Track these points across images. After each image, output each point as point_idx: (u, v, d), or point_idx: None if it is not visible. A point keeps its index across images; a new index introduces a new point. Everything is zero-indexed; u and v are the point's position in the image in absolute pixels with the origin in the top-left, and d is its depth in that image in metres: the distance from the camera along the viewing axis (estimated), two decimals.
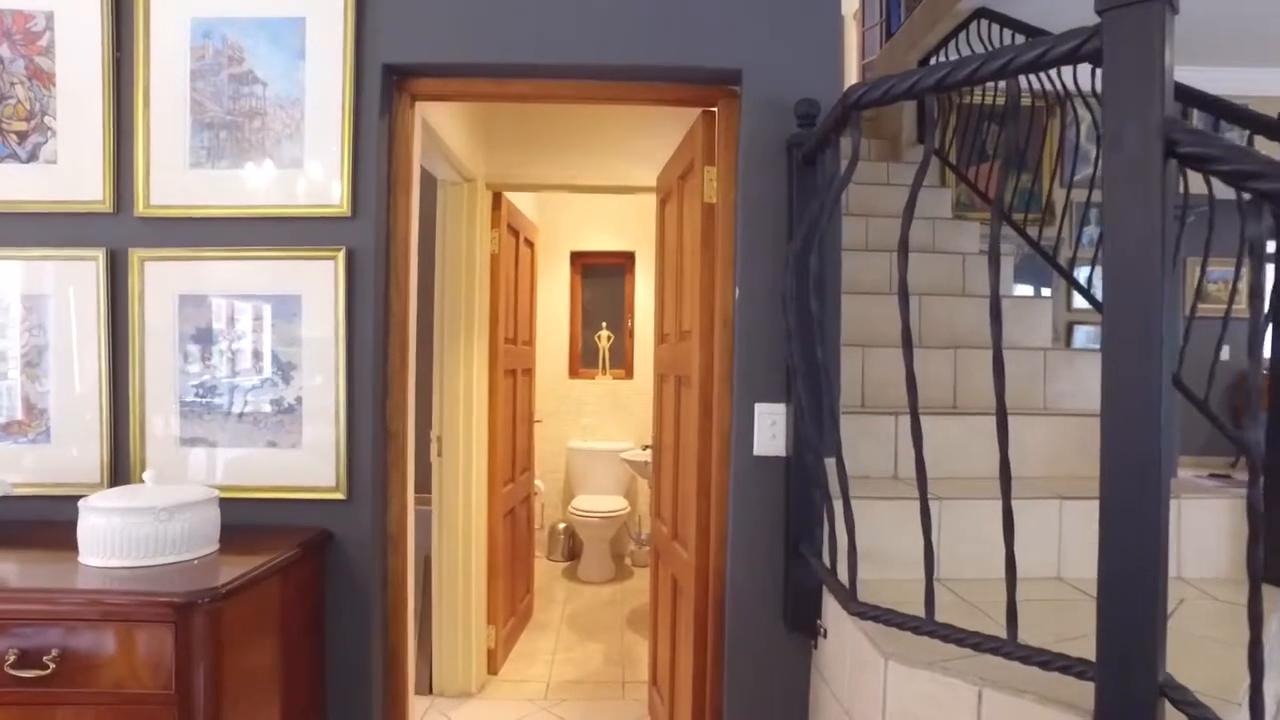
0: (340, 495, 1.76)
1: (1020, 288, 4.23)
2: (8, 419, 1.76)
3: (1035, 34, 2.99)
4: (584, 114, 2.83)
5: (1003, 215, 1.07)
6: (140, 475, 1.75)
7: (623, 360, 5.11)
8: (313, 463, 1.76)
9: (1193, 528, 1.72)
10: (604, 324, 5.09)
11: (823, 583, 1.62)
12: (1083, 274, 2.66)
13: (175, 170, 1.76)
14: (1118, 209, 0.89)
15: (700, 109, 1.98)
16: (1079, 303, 4.25)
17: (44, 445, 1.76)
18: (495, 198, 3.03)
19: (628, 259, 5.08)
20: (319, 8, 1.74)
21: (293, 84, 1.76)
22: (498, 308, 3.02)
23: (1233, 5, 3.35)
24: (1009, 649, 1.09)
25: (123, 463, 1.76)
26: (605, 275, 5.15)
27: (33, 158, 1.75)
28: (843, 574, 1.39)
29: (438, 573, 2.83)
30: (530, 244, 3.63)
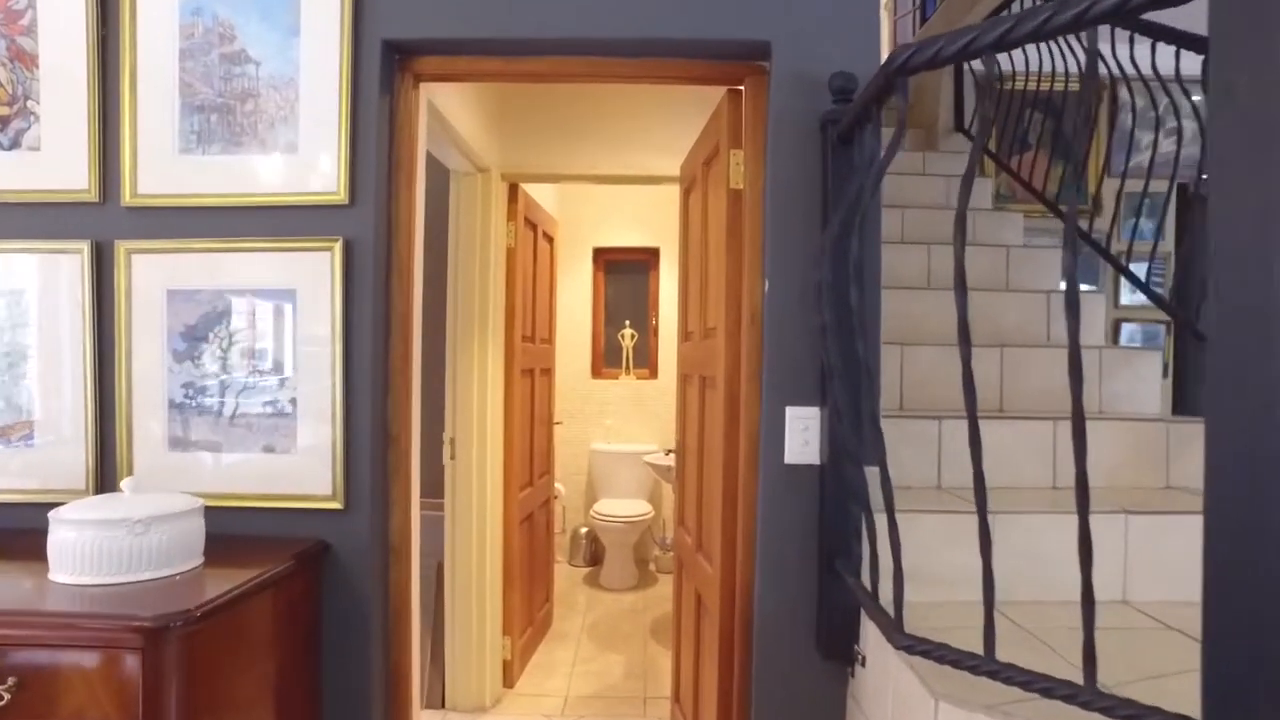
0: (337, 504, 1.64)
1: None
2: None
3: None
4: (603, 100, 2.69)
5: (1076, 245, 0.90)
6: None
7: (647, 360, 4.97)
8: (308, 469, 1.64)
9: None
10: (627, 322, 4.95)
11: (861, 606, 1.46)
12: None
13: (163, 157, 1.65)
14: (1227, 173, 0.73)
15: (725, 88, 1.83)
16: (1125, 298, 4.04)
17: (27, 449, 1.66)
18: (511, 189, 2.90)
19: (651, 255, 4.93)
20: None
21: (287, 63, 1.64)
22: (514, 304, 2.89)
23: None
24: (1087, 698, 0.93)
25: (110, 468, 1.66)
26: (628, 272, 5.01)
27: (15, 144, 1.65)
28: (885, 596, 1.24)
29: (450, 582, 2.71)
30: (549, 238, 3.50)
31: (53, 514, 1.31)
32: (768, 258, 1.65)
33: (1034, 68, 2.99)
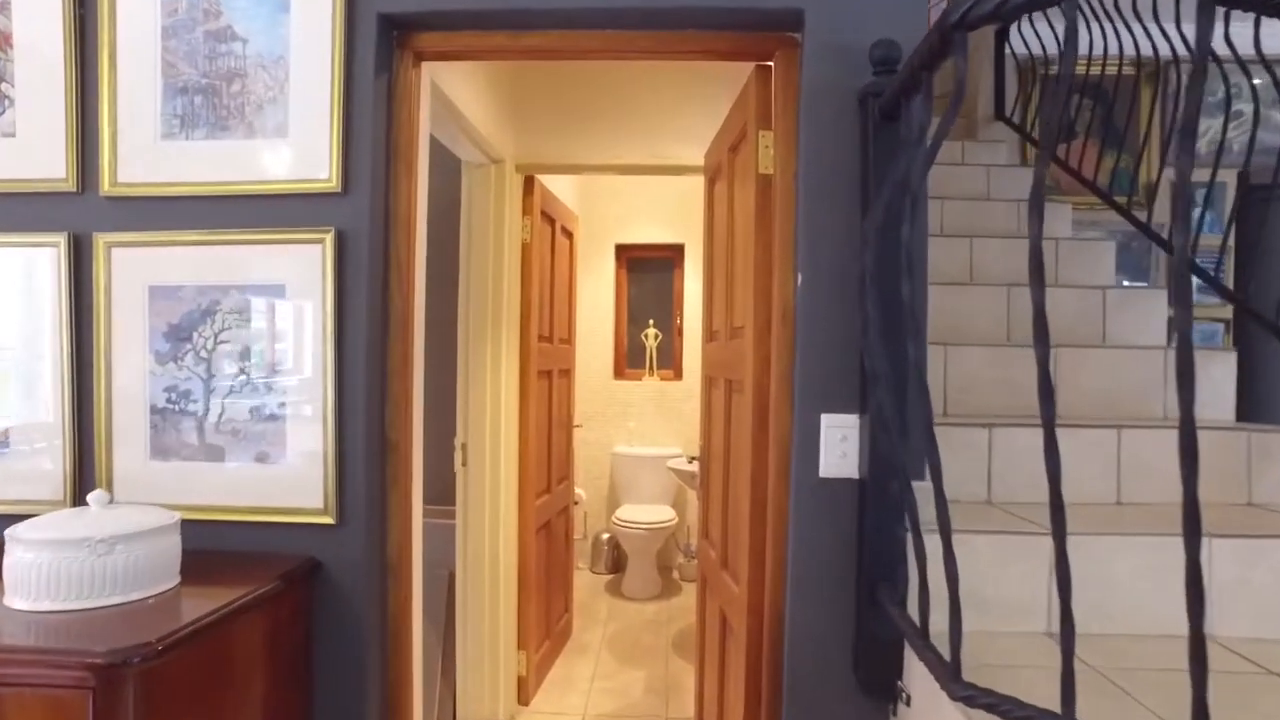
0: (328, 519, 1.50)
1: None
2: None
3: None
4: (622, 86, 2.54)
5: (1190, 298, 0.69)
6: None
7: (671, 360, 4.81)
8: (298, 480, 1.51)
9: None
10: (651, 322, 4.79)
11: (908, 641, 1.29)
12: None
13: (145, 142, 1.53)
14: None
15: (753, 63, 1.67)
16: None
17: (1, 457, 1.55)
18: (527, 182, 2.76)
19: (676, 252, 4.77)
20: None
21: (275, 40, 1.51)
22: (530, 302, 2.75)
23: None
24: None
25: (88, 477, 1.54)
26: (652, 270, 4.86)
27: None
28: (935, 628, 1.07)
29: (462, 594, 2.57)
30: (569, 234, 3.36)
31: (9, 532, 1.19)
32: (800, 249, 1.49)
33: (1082, 51, 2.78)
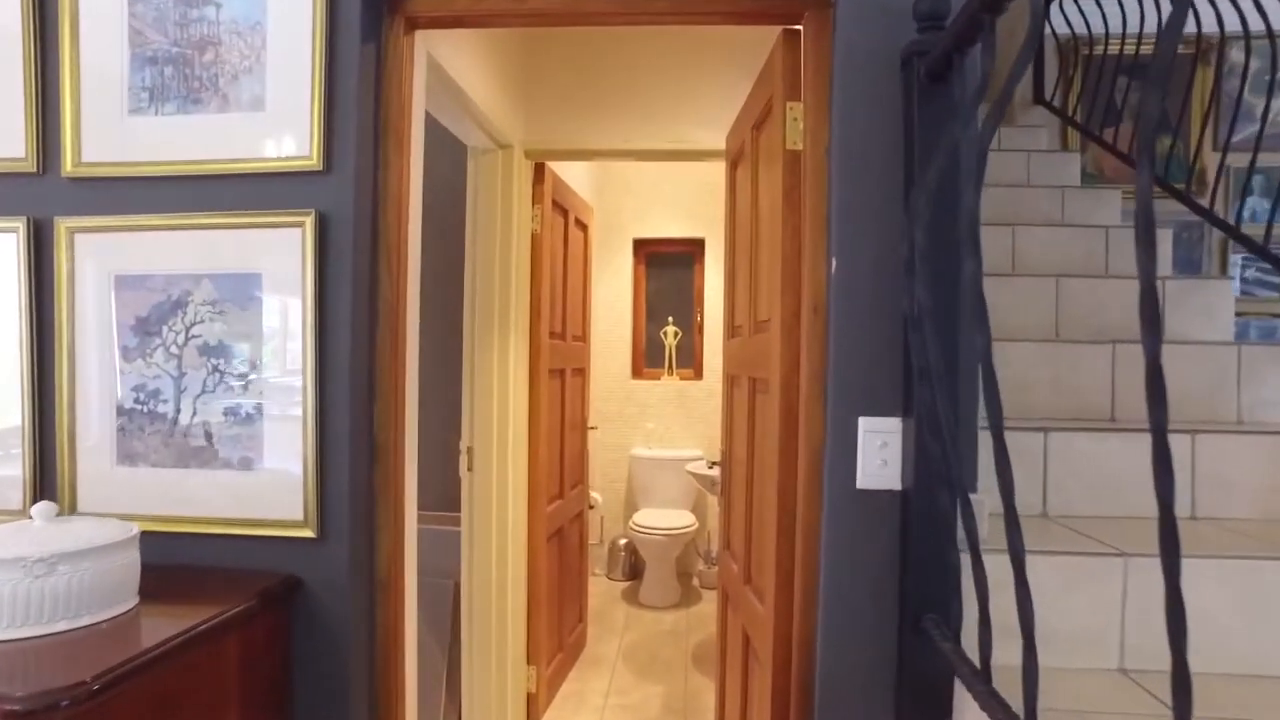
0: (309, 532, 1.36)
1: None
2: None
3: None
4: (639, 64, 2.39)
5: None
6: (70, 501, 1.40)
7: (691, 359, 4.64)
8: (275, 489, 1.37)
9: None
10: (670, 319, 4.62)
11: (962, 681, 1.12)
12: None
13: (110, 118, 1.39)
14: None
15: (780, 27, 1.51)
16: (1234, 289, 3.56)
17: None
18: (537, 170, 2.61)
19: (696, 246, 4.60)
20: None
21: (252, 4, 1.37)
22: (540, 297, 2.60)
23: None
24: None
25: (50, 485, 1.41)
26: (672, 265, 4.69)
27: None
28: (997, 665, 0.90)
29: (468, 606, 2.42)
30: (583, 226, 3.20)
31: None
32: (834, 231, 1.32)
33: (1122, 28, 2.60)
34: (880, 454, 1.29)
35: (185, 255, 1.38)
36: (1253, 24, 2.01)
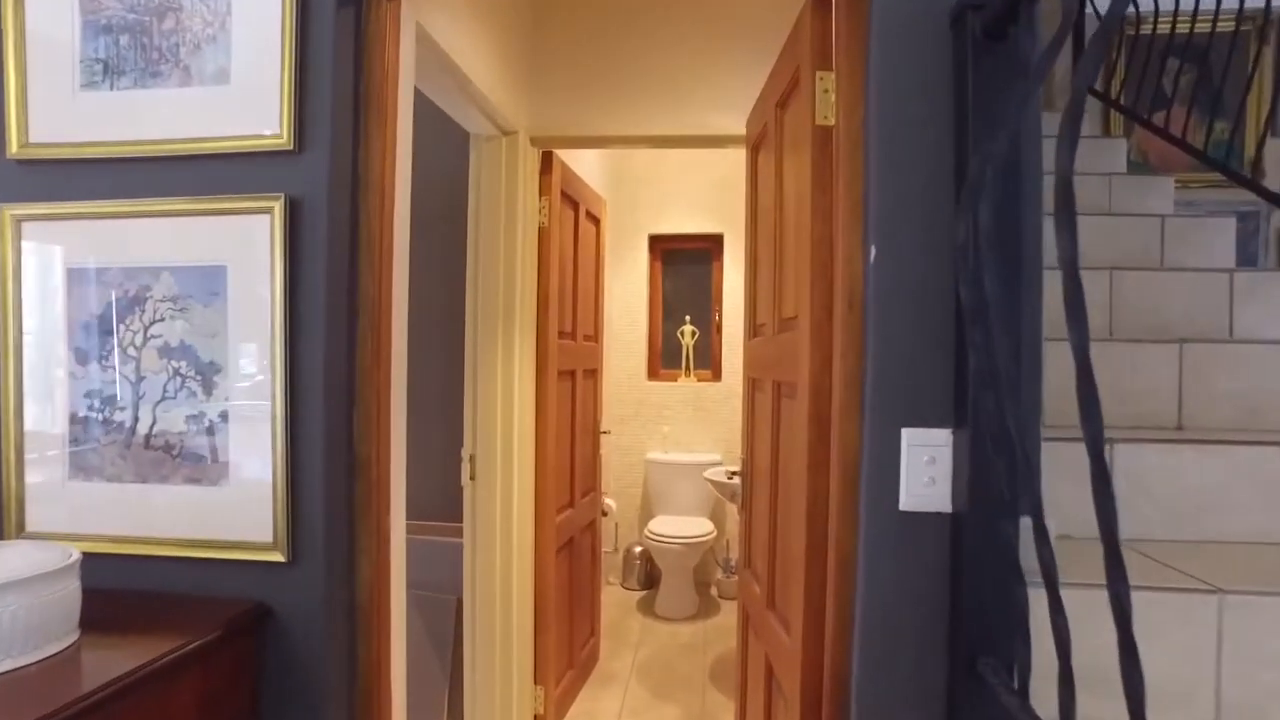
0: (278, 556, 1.21)
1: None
2: None
3: None
4: (650, 45, 2.23)
5: None
6: (16, 521, 1.26)
7: (709, 360, 4.47)
8: (242, 507, 1.22)
9: None
10: (687, 318, 4.45)
11: None
12: None
13: (60, 94, 1.25)
14: None
15: None
16: None
17: None
18: (545, 158, 2.45)
19: (714, 243, 4.43)
20: None
21: None
22: (548, 294, 2.44)
23: None
24: None
25: None
26: (689, 262, 4.52)
27: None
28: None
29: (470, 622, 2.27)
30: (595, 220, 3.04)
31: None
32: (872, 214, 1.15)
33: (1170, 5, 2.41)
34: (927, 471, 1.11)
35: (143, 246, 1.24)
36: None
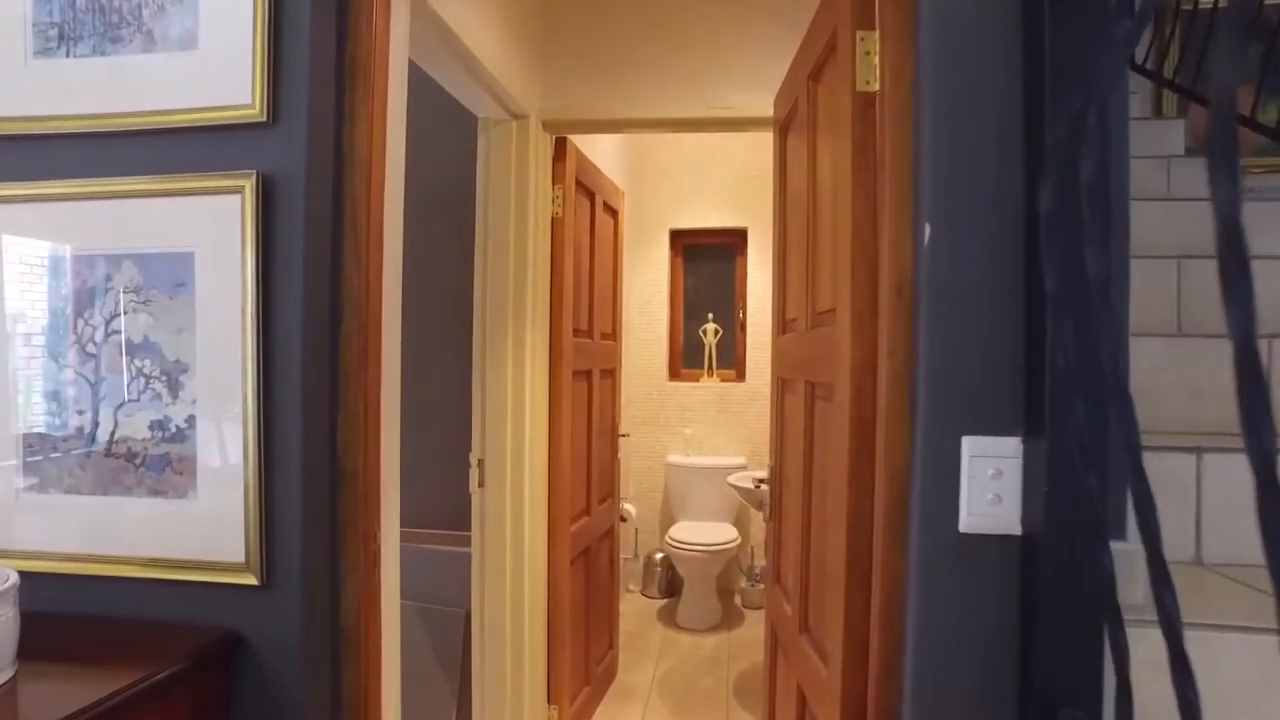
0: (250, 578, 1.08)
1: None
2: None
3: None
4: (670, 21, 2.08)
5: None
6: None
7: (733, 359, 4.31)
8: (211, 523, 1.09)
9: None
10: (710, 316, 4.29)
11: None
12: None
13: (12, 62, 1.13)
14: None
15: None
16: None
17: None
18: (559, 145, 2.30)
19: (738, 237, 4.26)
20: None
21: None
22: (562, 289, 2.30)
23: None
24: None
25: None
26: (712, 258, 4.36)
27: None
28: None
29: (479, 638, 2.14)
30: (613, 211, 2.90)
31: None
32: (927, 191, 0.99)
33: None
34: (992, 486, 0.95)
35: (103, 231, 1.11)
36: None
